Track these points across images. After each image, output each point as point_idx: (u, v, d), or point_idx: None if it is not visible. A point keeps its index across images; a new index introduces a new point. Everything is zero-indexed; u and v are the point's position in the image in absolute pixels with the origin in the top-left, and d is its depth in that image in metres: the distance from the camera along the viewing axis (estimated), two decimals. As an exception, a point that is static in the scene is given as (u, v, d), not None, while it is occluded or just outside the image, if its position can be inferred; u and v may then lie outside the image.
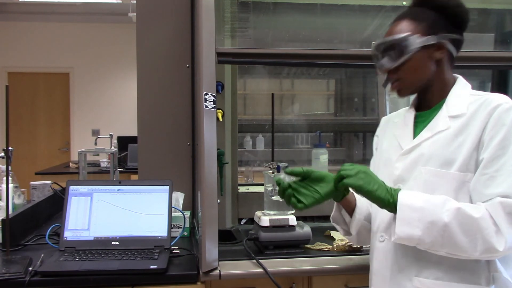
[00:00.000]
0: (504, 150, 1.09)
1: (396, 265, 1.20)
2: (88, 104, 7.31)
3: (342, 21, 2.31)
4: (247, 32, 2.06)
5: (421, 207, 1.09)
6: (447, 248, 1.08)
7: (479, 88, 3.03)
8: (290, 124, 3.44)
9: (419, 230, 1.08)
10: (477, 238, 1.04)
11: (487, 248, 1.04)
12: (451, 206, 1.07)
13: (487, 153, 1.10)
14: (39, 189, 2.35)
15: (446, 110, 1.21)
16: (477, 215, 1.05)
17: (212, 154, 1.43)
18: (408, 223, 1.09)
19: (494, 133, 1.10)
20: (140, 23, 2.07)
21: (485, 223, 1.04)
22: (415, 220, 1.08)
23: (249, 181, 2.83)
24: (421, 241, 1.09)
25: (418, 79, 1.23)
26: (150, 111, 2.07)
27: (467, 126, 1.16)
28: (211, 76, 1.44)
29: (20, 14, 7.10)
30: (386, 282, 1.22)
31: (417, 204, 1.09)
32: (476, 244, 1.05)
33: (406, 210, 1.10)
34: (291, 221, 1.63)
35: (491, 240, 1.04)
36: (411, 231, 1.09)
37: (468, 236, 1.05)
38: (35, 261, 1.50)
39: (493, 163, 1.09)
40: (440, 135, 1.19)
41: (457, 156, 1.14)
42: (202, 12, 1.44)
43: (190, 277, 1.46)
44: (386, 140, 1.37)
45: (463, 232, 1.05)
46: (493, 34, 2.35)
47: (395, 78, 1.24)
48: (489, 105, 1.14)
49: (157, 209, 1.70)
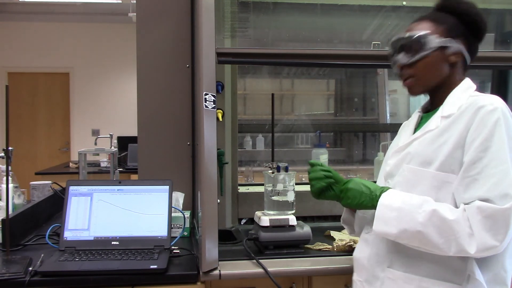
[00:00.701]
0: (486, 152, 1.09)
1: (373, 255, 1.27)
2: (88, 104, 7.31)
3: (342, 21, 2.31)
4: (247, 32, 2.06)
5: (398, 207, 1.15)
6: (423, 246, 1.12)
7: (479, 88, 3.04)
8: (290, 124, 3.44)
9: (395, 229, 1.14)
10: (450, 240, 1.07)
11: (460, 250, 1.07)
12: (428, 207, 1.11)
13: (469, 156, 1.11)
14: (39, 189, 2.35)
15: (440, 111, 1.23)
16: (451, 218, 1.08)
17: (212, 154, 1.43)
18: (384, 221, 1.16)
19: (476, 135, 1.11)
20: (140, 23, 2.07)
21: (459, 226, 1.07)
22: (391, 219, 1.15)
23: (249, 181, 2.83)
24: (398, 238, 1.15)
25: (431, 78, 1.25)
26: (150, 111, 2.07)
27: (452, 126, 1.17)
28: (211, 76, 1.44)
29: (20, 14, 7.10)
30: (363, 270, 1.30)
31: (395, 205, 1.16)
32: (450, 245, 1.08)
33: (383, 209, 1.17)
34: (291, 221, 1.63)
35: (463, 243, 1.06)
36: (387, 229, 1.16)
37: (442, 237, 1.08)
38: (35, 261, 1.50)
39: (474, 166, 1.10)
40: (428, 135, 1.21)
41: (437, 156, 1.16)
42: (202, 12, 1.44)
43: (190, 277, 1.46)
44: (395, 140, 1.43)
45: (438, 233, 1.08)
46: (493, 34, 2.35)
47: (409, 74, 1.26)
48: (475, 106, 1.15)
49: (157, 209, 1.70)
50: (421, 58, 1.23)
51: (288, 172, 1.67)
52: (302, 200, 1.91)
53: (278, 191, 1.65)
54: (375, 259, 1.26)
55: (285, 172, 1.66)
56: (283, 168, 1.66)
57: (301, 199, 1.80)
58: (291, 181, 1.67)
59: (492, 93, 2.49)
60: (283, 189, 1.65)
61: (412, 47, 1.23)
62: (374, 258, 1.26)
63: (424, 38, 1.22)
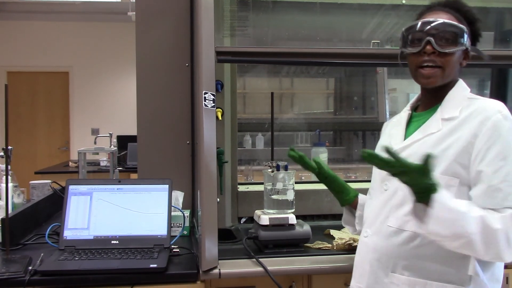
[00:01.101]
0: (505, 160, 1.10)
1: (375, 260, 1.23)
2: (87, 103, 7.30)
3: (342, 19, 2.31)
4: (246, 30, 2.06)
5: (454, 209, 1.05)
6: (461, 249, 1.09)
7: (479, 87, 3.04)
8: (289, 123, 3.44)
9: (449, 231, 1.05)
10: (491, 248, 1.06)
11: (497, 257, 1.08)
12: (476, 213, 1.06)
13: (488, 165, 1.10)
14: (39, 188, 2.35)
15: (440, 113, 1.22)
16: (498, 227, 1.06)
17: (211, 153, 1.43)
18: (440, 221, 1.05)
19: (490, 144, 1.11)
20: (139, 22, 2.06)
21: (502, 236, 1.06)
22: (447, 220, 1.05)
23: (249, 180, 2.83)
24: (444, 239, 1.08)
25: (450, 75, 1.23)
26: (150, 110, 2.07)
27: (457, 130, 1.16)
28: (210, 75, 1.44)
29: (20, 13, 7.09)
30: (365, 276, 1.26)
31: (451, 205, 1.06)
32: (489, 252, 1.07)
33: (442, 208, 1.05)
34: (291, 220, 1.63)
35: (503, 251, 1.06)
36: (440, 230, 1.06)
37: (486, 245, 1.06)
38: (34, 260, 1.50)
39: (496, 175, 1.09)
40: (430, 137, 1.20)
41: (442, 159, 1.15)
42: (201, 10, 1.44)
43: (190, 276, 1.46)
44: (382, 139, 1.40)
45: (482, 242, 1.06)
46: (492, 32, 2.35)
47: (437, 64, 1.19)
48: (482, 112, 1.14)
49: (156, 208, 1.70)
50: (455, 52, 1.19)
51: (287, 171, 1.67)
52: (302, 199, 1.91)
53: (278, 190, 1.65)
54: (377, 264, 1.23)
55: (285, 171, 1.66)
56: (282, 167, 1.66)
57: (300, 197, 1.80)
58: (290, 180, 1.67)
59: (492, 92, 2.49)
60: (282, 188, 1.65)
61: (449, 38, 1.19)
62: (377, 263, 1.23)
63: (464, 32, 1.20)
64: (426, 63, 1.20)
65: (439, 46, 1.18)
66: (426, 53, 1.19)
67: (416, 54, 1.22)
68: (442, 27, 1.19)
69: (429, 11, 1.26)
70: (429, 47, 1.19)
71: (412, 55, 1.23)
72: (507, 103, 2.53)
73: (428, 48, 1.19)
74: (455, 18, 1.22)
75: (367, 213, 1.33)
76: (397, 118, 1.37)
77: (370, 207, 1.33)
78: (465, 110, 1.19)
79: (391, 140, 1.31)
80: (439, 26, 1.19)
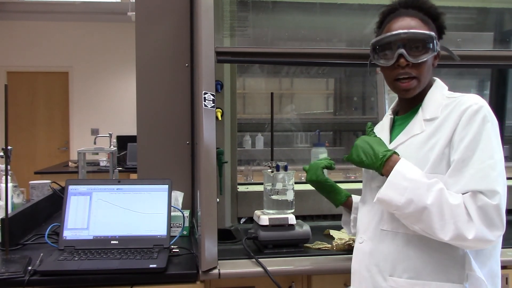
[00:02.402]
0: (475, 149, 1.10)
1: (372, 266, 1.24)
2: (87, 103, 7.30)
3: (341, 20, 2.31)
4: (246, 31, 2.06)
5: (412, 179, 1.11)
6: (421, 225, 1.11)
7: (479, 87, 3.04)
8: (289, 123, 3.44)
9: (403, 198, 1.10)
10: (449, 223, 1.07)
11: (457, 235, 1.07)
12: (436, 187, 1.10)
13: (458, 153, 1.12)
14: (38, 189, 2.35)
15: (421, 114, 1.23)
16: (455, 202, 1.07)
17: (211, 153, 1.43)
18: (395, 188, 1.12)
19: (464, 134, 1.12)
20: (139, 22, 2.06)
21: (460, 211, 1.07)
22: (402, 188, 1.11)
23: (249, 180, 2.83)
24: (399, 209, 1.12)
25: (426, 81, 1.24)
26: (149, 110, 2.07)
27: (439, 129, 1.17)
28: (210, 75, 1.44)
29: (19, 13, 7.09)
30: (363, 282, 1.26)
31: (409, 175, 1.12)
32: (448, 229, 1.07)
33: (398, 176, 1.13)
34: (291, 220, 1.63)
35: (462, 227, 1.06)
36: (395, 197, 1.12)
37: (443, 220, 1.07)
38: (34, 261, 1.50)
39: (464, 162, 1.11)
40: (414, 139, 1.21)
41: (429, 158, 1.16)
42: (201, 11, 1.44)
43: (189, 276, 1.46)
44: None
45: (439, 214, 1.07)
46: (492, 33, 2.35)
47: (413, 75, 1.20)
48: (460, 107, 1.16)
49: (156, 208, 1.70)
50: (426, 60, 1.20)
51: (287, 171, 1.67)
52: (302, 199, 1.91)
53: (278, 190, 1.65)
54: (375, 269, 1.23)
55: (285, 171, 1.66)
56: (282, 167, 1.66)
57: (300, 198, 1.80)
58: (290, 180, 1.67)
59: (492, 92, 2.49)
60: (282, 188, 1.65)
61: (419, 47, 1.19)
62: (375, 268, 1.23)
63: (433, 39, 1.20)
64: (401, 75, 1.21)
65: (412, 57, 1.19)
66: (400, 66, 1.20)
67: (390, 67, 1.23)
68: (412, 36, 1.19)
69: (394, 17, 1.25)
70: (402, 60, 1.19)
71: (386, 68, 1.24)
72: (507, 103, 2.54)
73: (401, 61, 1.19)
74: (420, 21, 1.22)
75: (360, 219, 1.34)
76: (381, 124, 1.39)
77: (362, 213, 1.34)
78: (445, 108, 1.20)
79: None
80: (409, 36, 1.19)
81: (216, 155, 1.44)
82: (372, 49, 1.27)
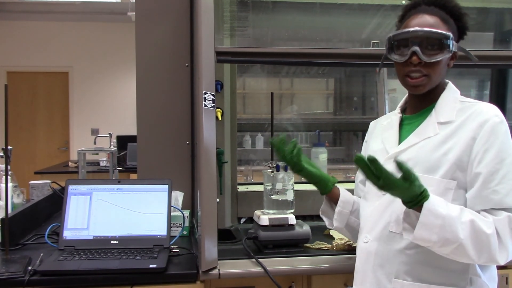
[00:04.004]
0: (502, 164, 1.11)
1: (377, 266, 1.23)
2: (87, 103, 7.30)
3: (341, 20, 2.31)
4: (246, 31, 2.06)
5: (444, 215, 1.06)
6: (453, 255, 1.10)
7: (479, 87, 3.04)
8: (289, 123, 3.44)
9: (437, 237, 1.07)
10: (484, 252, 1.08)
11: (490, 260, 1.09)
12: (466, 218, 1.08)
13: (485, 167, 1.11)
14: (38, 189, 2.35)
15: (435, 116, 1.22)
16: (489, 231, 1.07)
17: (211, 153, 1.43)
18: (428, 228, 1.07)
19: (488, 146, 1.12)
20: (139, 22, 2.06)
21: (494, 239, 1.07)
22: (436, 227, 1.06)
23: (249, 180, 2.83)
24: (433, 245, 1.09)
25: (438, 80, 1.23)
26: (149, 110, 2.07)
27: (455, 133, 1.17)
28: (210, 75, 1.44)
29: (19, 13, 7.09)
30: (367, 282, 1.25)
31: (440, 212, 1.07)
32: (481, 256, 1.08)
33: (429, 215, 1.06)
34: (291, 220, 1.63)
35: (495, 254, 1.08)
36: (428, 235, 1.07)
37: (477, 249, 1.07)
38: (34, 261, 1.50)
39: (493, 177, 1.11)
40: (428, 141, 1.20)
41: (443, 163, 1.15)
42: (201, 11, 1.44)
43: (189, 276, 1.46)
44: (374, 142, 1.39)
45: (474, 246, 1.07)
46: (492, 33, 2.35)
47: (424, 73, 1.19)
48: (479, 116, 1.15)
49: (156, 208, 1.70)
50: (442, 59, 1.19)
51: (287, 171, 1.67)
52: (302, 199, 1.90)
53: (278, 190, 1.65)
54: (380, 270, 1.22)
55: (285, 171, 1.66)
56: (282, 167, 1.66)
57: (300, 198, 1.80)
58: (290, 180, 1.67)
59: (492, 92, 2.49)
60: (282, 188, 1.65)
61: (435, 46, 1.18)
62: (379, 270, 1.22)
63: (449, 39, 1.18)
64: (412, 73, 1.20)
65: (425, 56, 1.17)
66: (412, 63, 1.19)
67: (402, 63, 1.21)
68: (428, 35, 1.18)
69: (414, 13, 1.24)
70: (415, 57, 1.18)
71: (399, 63, 1.23)
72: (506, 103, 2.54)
73: (414, 59, 1.18)
74: (440, 20, 1.21)
75: (364, 217, 1.31)
76: (388, 121, 1.36)
77: (367, 211, 1.30)
78: (460, 113, 1.19)
79: (385, 144, 1.30)
80: (425, 35, 1.18)
81: (216, 155, 1.44)
82: (388, 43, 1.25)
